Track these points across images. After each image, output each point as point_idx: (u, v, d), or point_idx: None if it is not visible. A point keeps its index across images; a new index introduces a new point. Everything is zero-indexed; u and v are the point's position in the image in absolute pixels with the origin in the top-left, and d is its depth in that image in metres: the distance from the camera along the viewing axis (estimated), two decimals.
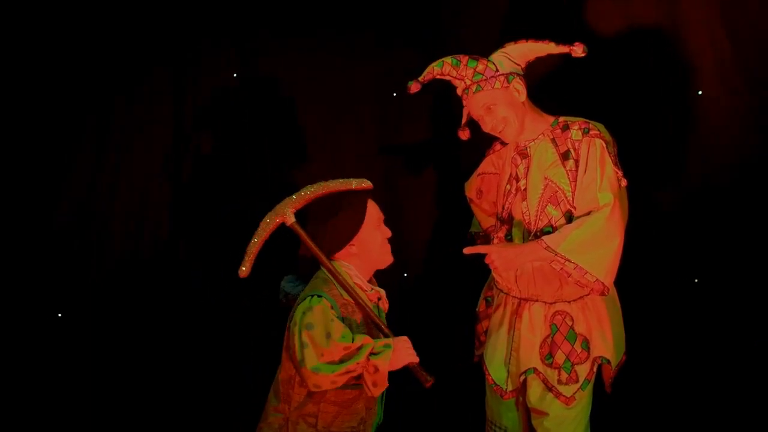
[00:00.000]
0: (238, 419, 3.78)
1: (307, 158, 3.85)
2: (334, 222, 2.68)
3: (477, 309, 3.32)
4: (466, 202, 3.45)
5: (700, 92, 3.58)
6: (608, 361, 3.03)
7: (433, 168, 3.97)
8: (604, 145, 2.92)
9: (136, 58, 3.75)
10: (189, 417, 3.87)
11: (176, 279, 3.85)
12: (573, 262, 2.82)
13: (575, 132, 2.97)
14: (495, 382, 3.10)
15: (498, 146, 3.24)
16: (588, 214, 2.87)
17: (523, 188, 3.02)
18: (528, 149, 3.04)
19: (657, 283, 3.65)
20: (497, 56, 2.98)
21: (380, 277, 2.90)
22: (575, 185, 2.93)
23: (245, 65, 3.87)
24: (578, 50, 2.91)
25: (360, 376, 2.53)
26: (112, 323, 3.82)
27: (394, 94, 3.83)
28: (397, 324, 2.78)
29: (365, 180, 2.76)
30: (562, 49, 2.92)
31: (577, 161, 2.94)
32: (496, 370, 3.10)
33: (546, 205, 2.96)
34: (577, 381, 2.98)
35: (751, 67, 3.49)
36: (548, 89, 3.48)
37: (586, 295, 3.00)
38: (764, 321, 3.53)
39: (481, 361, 3.20)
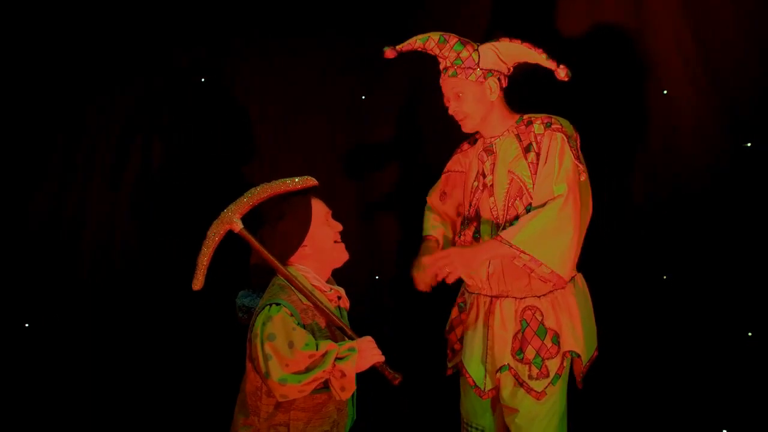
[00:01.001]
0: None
1: (277, 161, 3.85)
2: (282, 225, 2.64)
3: (450, 318, 3.29)
4: None
5: (665, 92, 3.62)
6: (578, 356, 3.02)
7: (404, 171, 3.98)
8: (565, 138, 2.93)
9: (106, 66, 3.75)
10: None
11: (151, 285, 3.83)
12: (528, 254, 2.82)
13: (537, 126, 2.98)
14: (475, 383, 3.06)
15: (465, 146, 3.25)
16: (544, 205, 2.87)
17: (489, 184, 3.03)
18: (493, 146, 3.06)
19: (627, 279, 3.66)
20: (485, 48, 2.98)
21: (352, 280, 2.89)
22: (536, 178, 2.93)
23: (215, 69, 3.87)
24: (561, 73, 2.92)
25: (327, 381, 2.49)
26: (86, 329, 3.82)
27: (363, 97, 3.84)
28: (369, 326, 2.77)
29: (309, 177, 2.71)
30: (550, 64, 2.92)
31: (538, 154, 2.95)
32: (474, 369, 3.07)
33: (514, 200, 2.97)
34: (547, 376, 2.97)
35: (716, 67, 3.52)
36: (517, 88, 3.49)
37: (557, 290, 3.00)
38: (735, 316, 3.56)
39: (455, 371, 3.19)
